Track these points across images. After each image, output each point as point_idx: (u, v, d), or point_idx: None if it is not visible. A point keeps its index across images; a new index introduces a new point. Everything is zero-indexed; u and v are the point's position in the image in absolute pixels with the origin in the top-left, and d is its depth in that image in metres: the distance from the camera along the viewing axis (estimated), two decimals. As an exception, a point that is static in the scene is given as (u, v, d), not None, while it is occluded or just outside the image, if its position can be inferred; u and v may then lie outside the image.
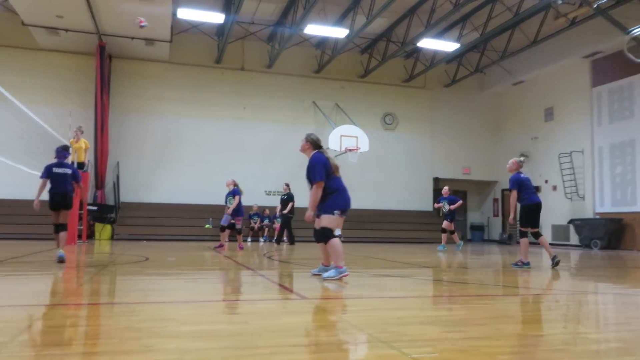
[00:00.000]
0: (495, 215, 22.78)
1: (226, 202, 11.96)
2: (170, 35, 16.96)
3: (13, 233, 15.12)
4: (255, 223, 18.03)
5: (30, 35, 16.81)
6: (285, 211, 15.19)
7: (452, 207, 13.63)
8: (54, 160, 7.82)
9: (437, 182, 22.14)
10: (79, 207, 12.76)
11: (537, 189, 20.33)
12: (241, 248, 12.20)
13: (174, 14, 16.00)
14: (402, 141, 21.49)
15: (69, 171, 7.79)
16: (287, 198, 15.23)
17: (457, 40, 17.78)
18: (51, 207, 7.56)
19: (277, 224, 17.19)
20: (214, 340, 2.77)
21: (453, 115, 22.23)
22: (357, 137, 18.23)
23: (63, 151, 7.95)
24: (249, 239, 17.48)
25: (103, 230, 16.49)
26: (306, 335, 3.05)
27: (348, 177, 6.92)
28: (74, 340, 2.79)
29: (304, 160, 6.00)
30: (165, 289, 5.24)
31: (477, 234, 22.88)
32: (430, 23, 16.26)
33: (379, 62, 19.79)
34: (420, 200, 21.46)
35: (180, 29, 18.48)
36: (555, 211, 18.93)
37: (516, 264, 8.08)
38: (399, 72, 21.58)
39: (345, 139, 18.04)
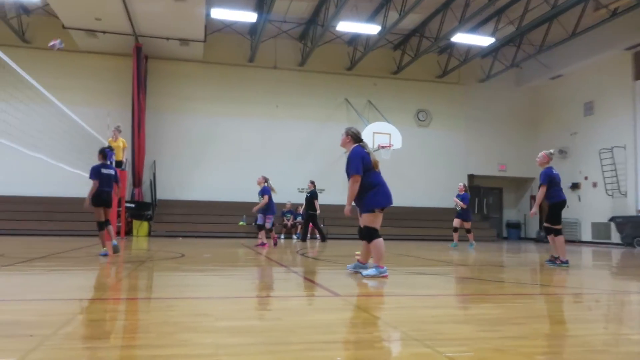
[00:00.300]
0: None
1: (259, 200, 12.00)
2: (204, 35, 17.20)
3: (55, 230, 15.64)
4: (288, 220, 18.12)
5: (70, 38, 17.31)
6: (317, 211, 15.03)
7: (460, 203, 13.52)
8: (100, 161, 8.28)
9: (472, 179, 21.81)
10: (117, 204, 13.10)
11: (577, 185, 19.81)
12: (275, 244, 12.20)
13: (208, 14, 16.21)
14: (436, 138, 21.24)
15: (112, 172, 8.35)
16: (311, 196, 15.10)
17: (492, 34, 17.44)
18: (97, 205, 8.04)
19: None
20: (248, 336, 2.80)
21: (488, 111, 21.84)
22: (389, 134, 18.10)
23: (111, 152, 8.49)
24: (282, 236, 17.58)
25: (140, 227, 16.87)
26: (339, 332, 3.05)
27: (381, 174, 6.86)
28: (113, 334, 2.86)
29: (336, 157, 6.05)
30: (200, 284, 5.33)
31: (513, 232, 22.43)
32: (465, 17, 16.00)
33: (412, 58, 19.59)
34: (454, 197, 21.14)
35: (214, 29, 18.72)
36: (595, 209, 18.38)
37: (553, 262, 7.87)
38: (432, 68, 21.33)
39: (378, 136, 17.93)
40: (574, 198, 19.99)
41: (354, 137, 5.89)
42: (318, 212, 15.01)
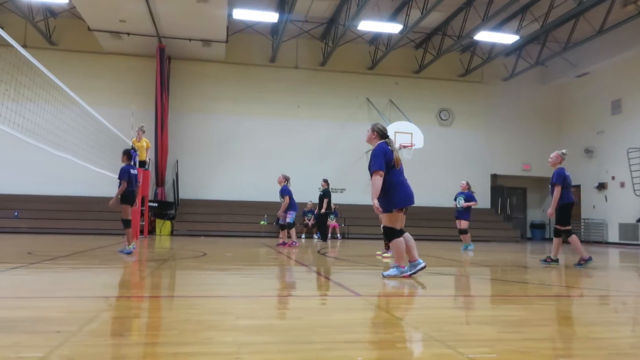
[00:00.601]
0: (558, 213, 21.87)
1: (280, 200, 11.93)
2: (226, 36, 17.33)
3: (81, 228, 15.96)
4: (309, 220, 18.13)
5: (95, 40, 17.65)
6: (322, 210, 14.83)
7: (467, 204, 12.37)
8: (125, 162, 8.55)
9: (495, 179, 21.55)
10: (141, 204, 13.28)
11: (603, 185, 19.42)
12: (292, 244, 11.65)
13: (230, 15, 16.33)
14: (458, 137, 21.04)
15: (136, 172, 8.75)
16: (323, 195, 15.01)
17: (517, 32, 17.19)
18: (125, 203, 8.37)
19: (330, 221, 17.17)
20: (268, 335, 2.81)
21: (512, 109, 21.55)
22: (411, 133, 17.97)
23: (135, 153, 8.80)
24: (303, 236, 17.60)
25: (163, 226, 17.09)
26: (360, 332, 3.04)
27: (403, 172, 6.80)
28: (137, 331, 2.90)
29: (357, 157, 6.02)
30: (222, 283, 5.37)
31: (537, 233, 22.08)
32: (488, 15, 15.82)
33: (434, 56, 19.44)
34: (477, 197, 20.89)
35: (236, 29, 18.85)
36: (623, 209, 18.00)
37: (579, 264, 7.74)
38: (455, 67, 21.13)
39: (400, 136, 17.81)
40: (600, 198, 19.59)
41: (380, 133, 5.75)
42: (323, 210, 14.87)
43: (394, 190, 5.48)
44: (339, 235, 17.81)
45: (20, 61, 8.59)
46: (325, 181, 15.26)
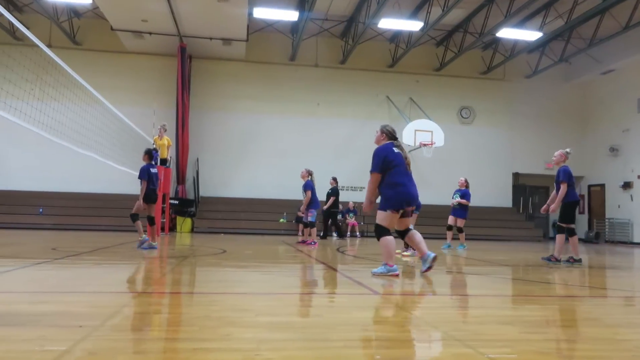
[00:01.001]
0: (581, 212, 21.50)
1: (303, 195, 11.73)
2: (246, 35, 17.41)
3: (104, 225, 16.20)
4: (351, 219, 18.01)
5: (118, 39, 17.89)
6: (325, 207, 14.70)
7: (462, 201, 11.90)
8: (146, 161, 8.71)
9: (517, 178, 21.28)
10: (162, 201, 13.44)
11: (629, 184, 19.03)
12: (305, 242, 11.48)
13: (250, 14, 16.40)
14: (480, 135, 20.82)
15: (156, 171, 8.89)
16: (331, 193, 14.95)
17: (540, 28, 16.91)
18: (147, 201, 8.54)
19: (349, 219, 17.12)
20: (288, 332, 2.82)
21: (534, 107, 21.24)
22: (431, 131, 17.85)
23: (156, 153, 8.96)
24: (321, 234, 17.53)
25: (184, 224, 17.25)
26: (379, 331, 3.03)
27: (423, 172, 6.81)
28: (157, 327, 2.94)
29: None
30: (242, 280, 5.40)
31: (560, 232, 21.71)
32: (511, 12, 15.59)
33: (455, 54, 19.26)
34: (498, 196, 20.72)
35: (256, 28, 18.92)
36: (649, 209, 17.60)
37: (567, 261, 7.82)
38: (477, 64, 20.90)
39: (420, 134, 17.72)
40: (626, 197, 19.21)
41: (389, 135, 5.76)
42: (325, 207, 14.75)
43: (393, 190, 5.44)
44: (358, 233, 17.78)
45: (45, 61, 8.77)
46: (334, 179, 15.25)
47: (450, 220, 12.01)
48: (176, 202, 17.32)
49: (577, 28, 17.83)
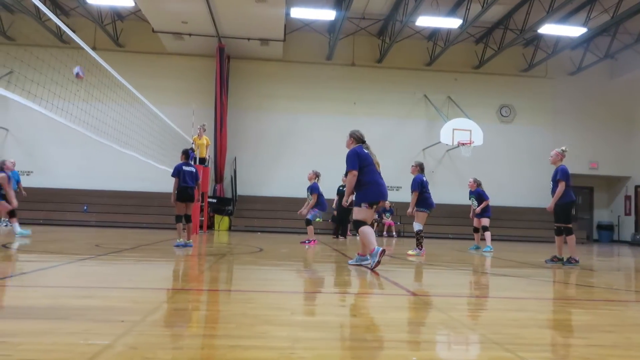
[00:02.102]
0: (627, 214, 20.75)
1: (308, 198, 11.48)
2: (283, 35, 17.53)
3: (145, 222, 16.64)
4: (387, 218, 17.93)
5: (159, 41, 18.32)
6: (344, 203, 14.42)
7: (482, 206, 11.43)
8: (182, 160, 8.83)
9: (559, 178, 20.67)
10: (200, 200, 13.67)
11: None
12: (310, 242, 11.32)
13: (288, 14, 16.50)
14: (520, 134, 20.35)
15: (194, 170, 8.87)
16: (343, 189, 14.72)
17: (584, 24, 16.39)
18: (180, 200, 8.63)
19: (386, 219, 17.01)
20: (323, 331, 2.82)
21: (578, 105, 20.61)
22: (470, 130, 17.56)
23: (192, 153, 9.09)
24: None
25: (222, 222, 17.51)
26: (414, 332, 3.00)
27: (462, 171, 6.72)
28: (196, 323, 2.99)
29: (415, 154, 6.14)
30: (278, 279, 5.45)
31: (604, 234, 21.03)
32: (553, 7, 15.17)
33: (495, 51, 18.88)
34: (539, 196, 20.10)
35: (293, 28, 19.03)
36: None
37: (569, 262, 7.67)
38: (517, 61, 20.43)
39: (458, 133, 17.45)
40: (675, 199, 18.42)
41: (357, 139, 6.55)
42: (344, 203, 14.47)
43: (367, 187, 6.17)
44: (394, 233, 17.65)
45: (90, 63, 9.05)
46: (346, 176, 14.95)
47: (475, 222, 11.75)
48: (214, 200, 17.60)
49: (624, 23, 17.19)
